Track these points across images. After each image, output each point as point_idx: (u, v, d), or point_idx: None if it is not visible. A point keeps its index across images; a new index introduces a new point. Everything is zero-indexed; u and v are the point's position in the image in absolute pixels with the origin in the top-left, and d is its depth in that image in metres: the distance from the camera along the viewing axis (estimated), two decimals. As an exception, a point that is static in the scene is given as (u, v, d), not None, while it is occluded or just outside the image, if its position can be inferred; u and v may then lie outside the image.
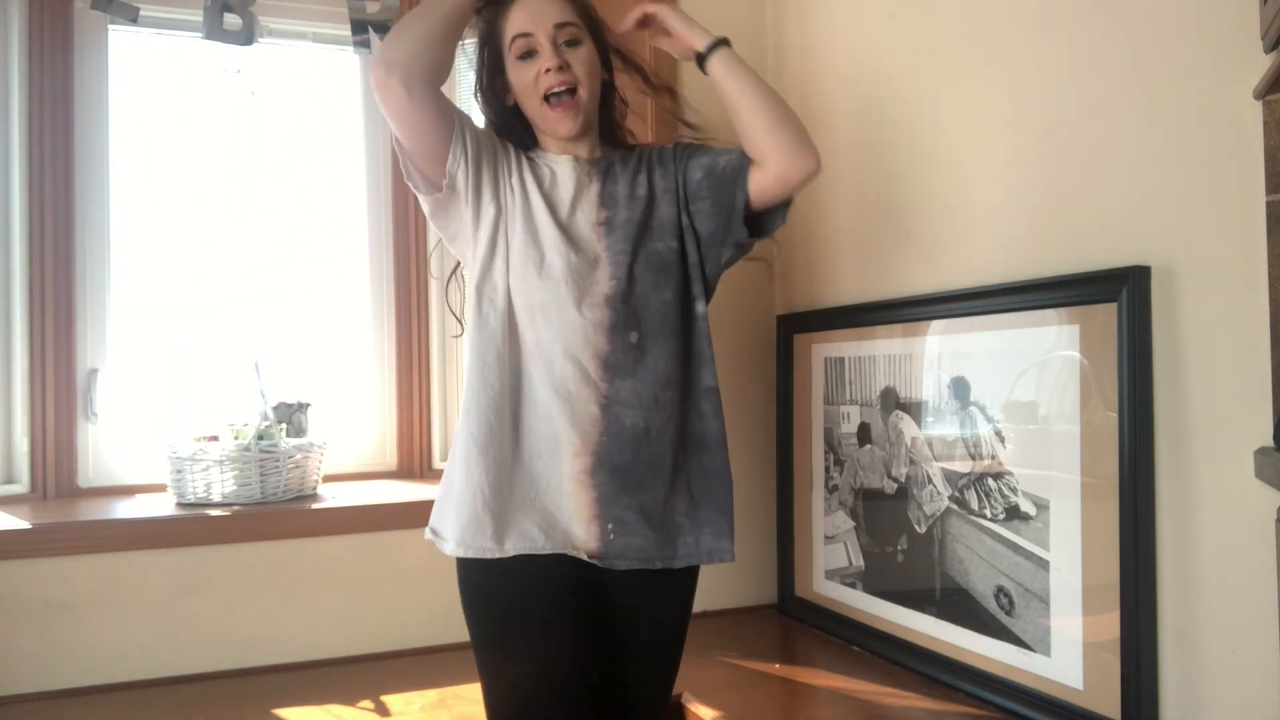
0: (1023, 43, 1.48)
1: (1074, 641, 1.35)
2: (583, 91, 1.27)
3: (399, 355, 2.14)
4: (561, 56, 1.25)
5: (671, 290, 1.28)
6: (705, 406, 1.30)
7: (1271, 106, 1.09)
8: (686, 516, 1.29)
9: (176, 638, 1.72)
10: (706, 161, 1.32)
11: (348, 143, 2.15)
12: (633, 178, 1.33)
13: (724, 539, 1.30)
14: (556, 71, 1.25)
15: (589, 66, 1.27)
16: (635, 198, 1.31)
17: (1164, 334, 1.26)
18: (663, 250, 1.29)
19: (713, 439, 1.31)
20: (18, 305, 1.88)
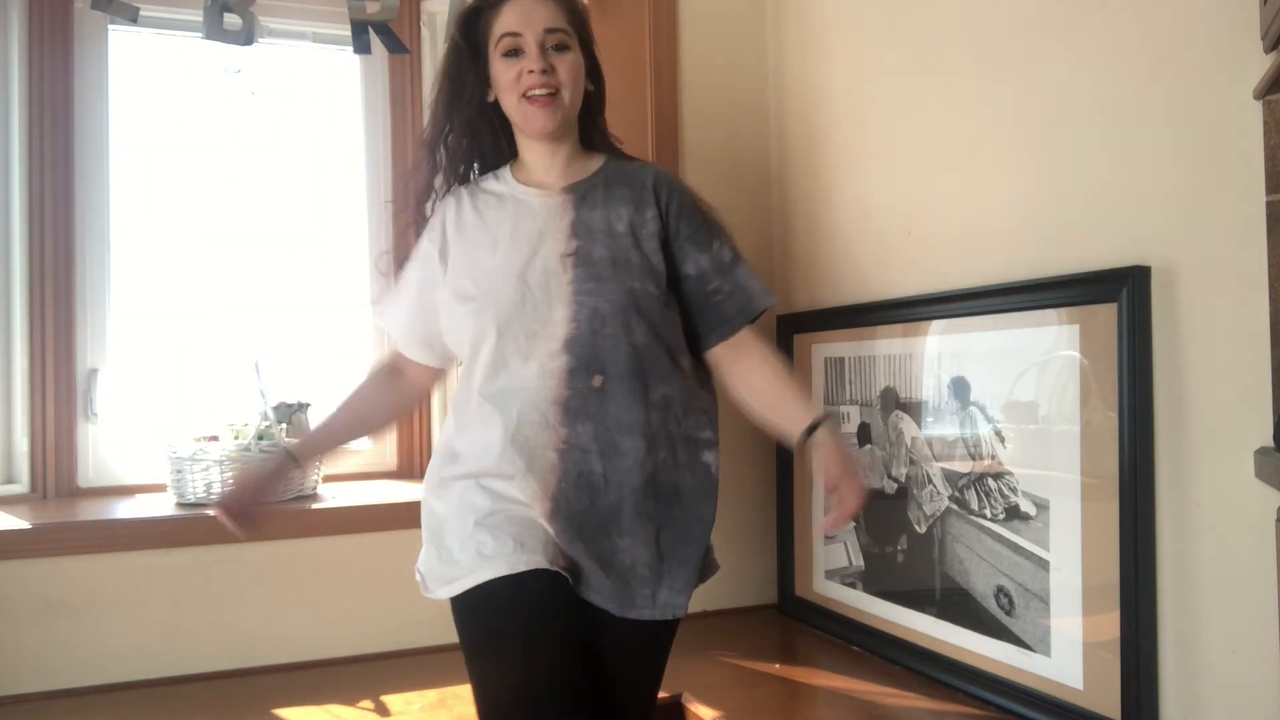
0: (1023, 42, 1.48)
1: (1074, 641, 1.35)
2: (565, 94, 1.24)
3: (399, 355, 2.14)
4: (547, 60, 1.23)
5: (644, 334, 1.22)
6: (683, 455, 1.24)
7: (1271, 106, 1.09)
8: (649, 568, 1.22)
9: (176, 638, 1.72)
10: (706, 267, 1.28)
11: (348, 143, 2.15)
12: (616, 208, 1.27)
13: (681, 594, 1.24)
14: (540, 74, 1.23)
15: (574, 73, 1.25)
16: (614, 233, 1.25)
17: (1164, 334, 1.26)
18: (638, 291, 1.23)
19: (687, 489, 1.24)
20: (18, 305, 1.88)
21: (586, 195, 1.27)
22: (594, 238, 1.24)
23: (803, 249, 2.07)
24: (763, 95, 2.18)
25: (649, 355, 1.23)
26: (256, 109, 2.10)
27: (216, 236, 2.07)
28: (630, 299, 1.22)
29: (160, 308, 2.03)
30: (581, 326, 1.21)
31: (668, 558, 1.23)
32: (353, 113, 2.16)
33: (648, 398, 1.22)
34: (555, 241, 1.24)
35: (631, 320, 1.22)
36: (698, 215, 1.31)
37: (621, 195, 1.28)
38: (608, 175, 1.30)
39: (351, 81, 2.16)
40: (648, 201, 1.28)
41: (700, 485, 1.25)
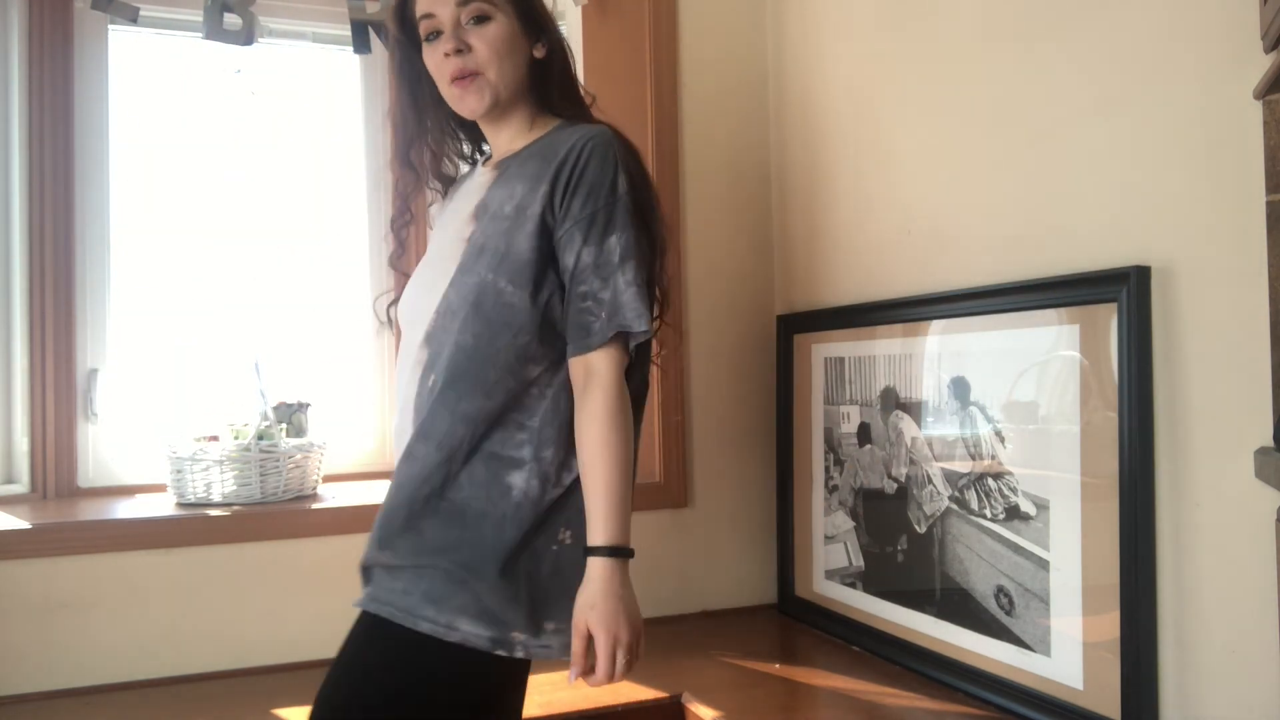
0: (1023, 42, 1.48)
1: (1074, 641, 1.35)
2: (490, 73, 1.14)
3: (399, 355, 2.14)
4: (461, 39, 1.14)
5: (473, 335, 1.10)
6: (480, 473, 1.11)
7: (1271, 106, 1.09)
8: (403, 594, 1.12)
9: (176, 638, 1.72)
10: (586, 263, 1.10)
11: (348, 143, 2.15)
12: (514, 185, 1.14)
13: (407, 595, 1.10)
14: (456, 55, 1.13)
15: (497, 45, 1.14)
16: (499, 215, 1.13)
17: (1164, 334, 1.26)
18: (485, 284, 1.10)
19: (474, 512, 1.10)
20: (18, 305, 1.88)
21: (505, 171, 1.18)
22: (483, 220, 1.15)
23: (803, 249, 2.07)
24: (763, 95, 2.18)
25: (472, 359, 1.10)
26: (256, 109, 2.10)
27: (216, 236, 2.07)
28: (474, 292, 1.11)
29: (160, 308, 2.03)
30: (437, 320, 1.13)
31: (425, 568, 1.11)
32: (353, 113, 2.16)
33: (456, 407, 1.10)
34: (464, 227, 1.16)
35: (468, 316, 1.10)
36: (600, 196, 1.11)
37: (529, 170, 1.15)
38: (538, 146, 1.17)
39: (351, 81, 2.16)
40: (547, 175, 1.12)
41: (493, 509, 1.10)
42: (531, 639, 1.10)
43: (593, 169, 1.11)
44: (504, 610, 1.09)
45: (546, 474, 1.11)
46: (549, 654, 1.11)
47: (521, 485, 1.11)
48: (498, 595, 1.09)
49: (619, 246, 1.10)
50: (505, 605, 1.09)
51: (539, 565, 1.11)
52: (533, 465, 1.11)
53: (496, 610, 1.09)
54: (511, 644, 1.09)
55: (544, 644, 1.10)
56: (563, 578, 1.11)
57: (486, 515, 1.10)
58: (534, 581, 1.10)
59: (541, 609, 1.11)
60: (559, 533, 1.12)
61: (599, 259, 1.10)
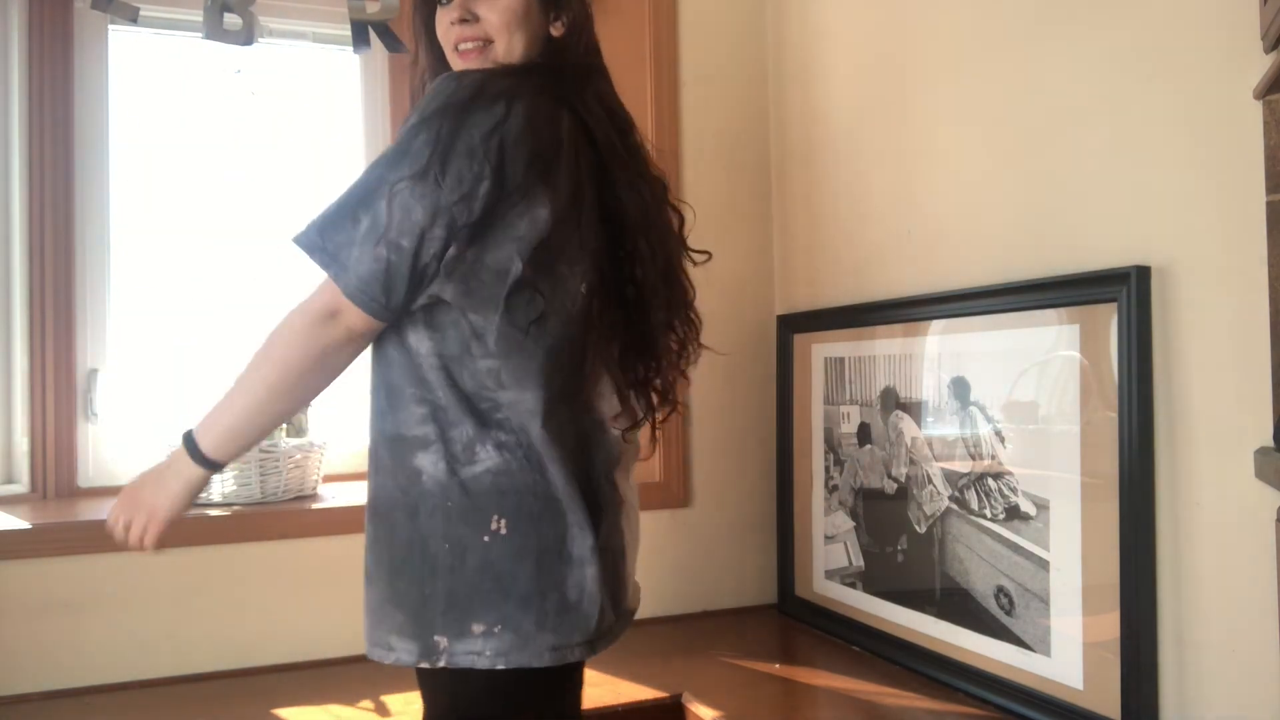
0: (1023, 42, 1.48)
1: (1074, 641, 1.35)
2: (499, 44, 1.08)
3: (399, 355, 2.14)
4: (468, 7, 1.08)
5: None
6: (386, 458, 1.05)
7: (1271, 106, 1.09)
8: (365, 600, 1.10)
9: (176, 638, 1.72)
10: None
11: (348, 143, 2.15)
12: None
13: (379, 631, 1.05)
14: (460, 24, 1.07)
15: (508, 15, 1.08)
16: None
17: (1164, 334, 1.26)
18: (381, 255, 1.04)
19: (385, 500, 1.05)
20: (18, 305, 1.87)
21: None
22: None
23: (803, 249, 2.07)
24: (763, 95, 2.18)
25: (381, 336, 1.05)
26: (256, 109, 2.10)
27: (216, 236, 2.07)
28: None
29: (160, 308, 2.02)
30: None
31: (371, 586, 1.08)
32: (353, 113, 2.15)
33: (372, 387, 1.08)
34: None
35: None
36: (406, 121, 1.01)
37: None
38: None
39: (351, 81, 2.16)
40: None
41: (403, 497, 1.03)
42: (455, 643, 1.00)
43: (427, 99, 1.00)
44: (423, 612, 1.01)
45: (455, 454, 1.02)
46: (479, 661, 1.00)
47: (429, 468, 1.02)
48: (415, 595, 1.01)
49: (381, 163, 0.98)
50: (423, 606, 1.01)
51: (462, 558, 1.00)
52: (438, 445, 1.02)
53: (417, 613, 1.01)
54: (435, 651, 1.01)
55: (471, 649, 1.00)
56: (495, 573, 1.00)
57: (397, 505, 1.04)
58: (456, 576, 1.00)
59: (466, 608, 1.00)
60: (490, 521, 1.01)
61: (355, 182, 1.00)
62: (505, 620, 1.00)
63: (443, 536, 1.01)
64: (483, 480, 1.01)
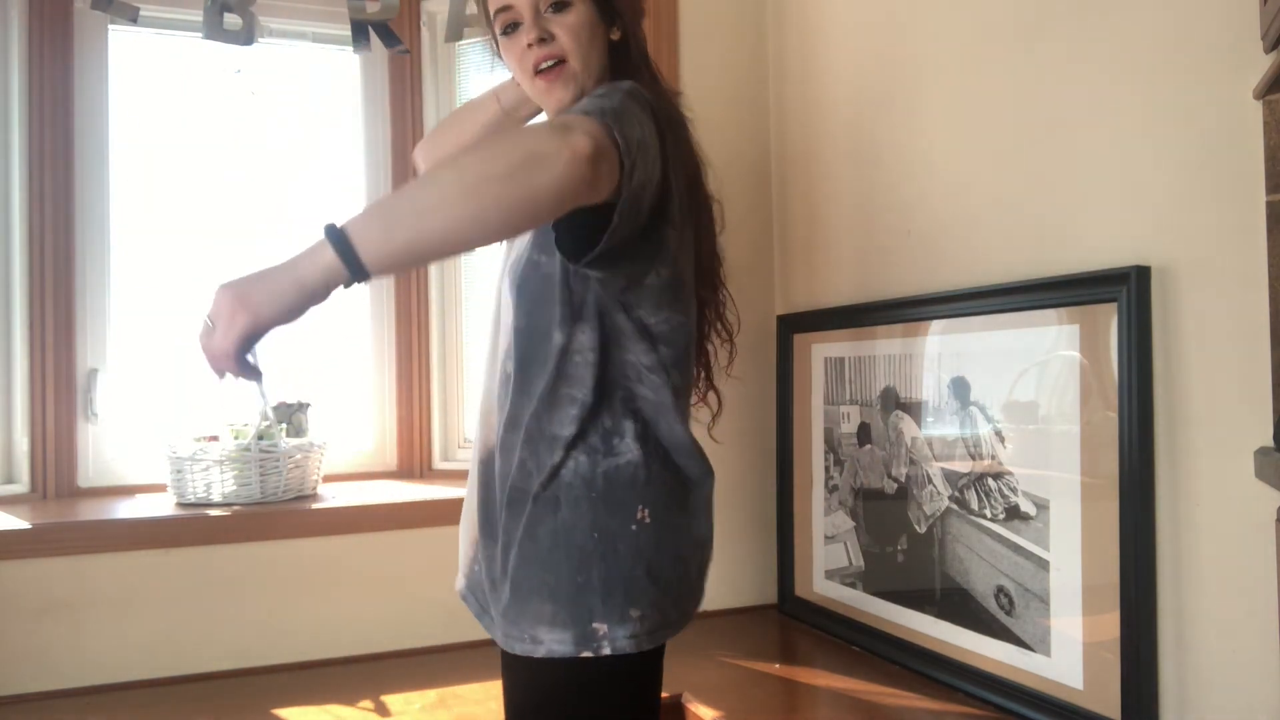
0: (1022, 42, 1.48)
1: (1074, 641, 1.35)
2: (574, 62, 1.12)
3: (399, 355, 2.14)
4: (543, 27, 1.11)
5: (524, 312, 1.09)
6: (544, 455, 1.06)
7: (1271, 106, 1.09)
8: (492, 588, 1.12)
9: (176, 638, 1.72)
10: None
11: (348, 143, 2.15)
12: None
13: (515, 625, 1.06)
14: (539, 45, 1.11)
15: (579, 32, 1.12)
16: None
17: (1164, 334, 1.26)
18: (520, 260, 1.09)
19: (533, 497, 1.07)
20: (18, 305, 1.88)
21: None
22: None
23: (803, 249, 2.07)
24: (763, 95, 2.18)
25: (530, 341, 1.08)
26: (256, 109, 2.10)
27: (216, 236, 2.07)
28: (517, 271, 1.10)
29: (160, 308, 2.03)
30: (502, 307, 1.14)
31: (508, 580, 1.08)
32: (353, 113, 2.15)
33: (526, 388, 1.09)
34: None
35: (519, 298, 1.09)
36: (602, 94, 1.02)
37: None
38: None
39: (351, 81, 2.16)
40: None
41: (543, 491, 1.06)
42: (617, 629, 1.02)
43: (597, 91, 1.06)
44: (579, 601, 1.03)
45: (595, 447, 1.05)
46: (637, 644, 1.03)
47: (570, 462, 1.05)
48: (570, 587, 1.03)
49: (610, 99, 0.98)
50: (580, 596, 1.03)
51: (615, 548, 1.04)
52: (579, 439, 1.06)
53: (572, 604, 1.03)
54: (596, 639, 1.02)
55: (631, 633, 1.03)
56: (647, 561, 1.04)
57: (538, 500, 1.06)
58: (610, 566, 1.03)
59: (626, 596, 1.03)
60: (635, 511, 1.05)
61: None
62: (655, 604, 1.05)
63: (590, 527, 1.04)
64: (624, 472, 1.06)
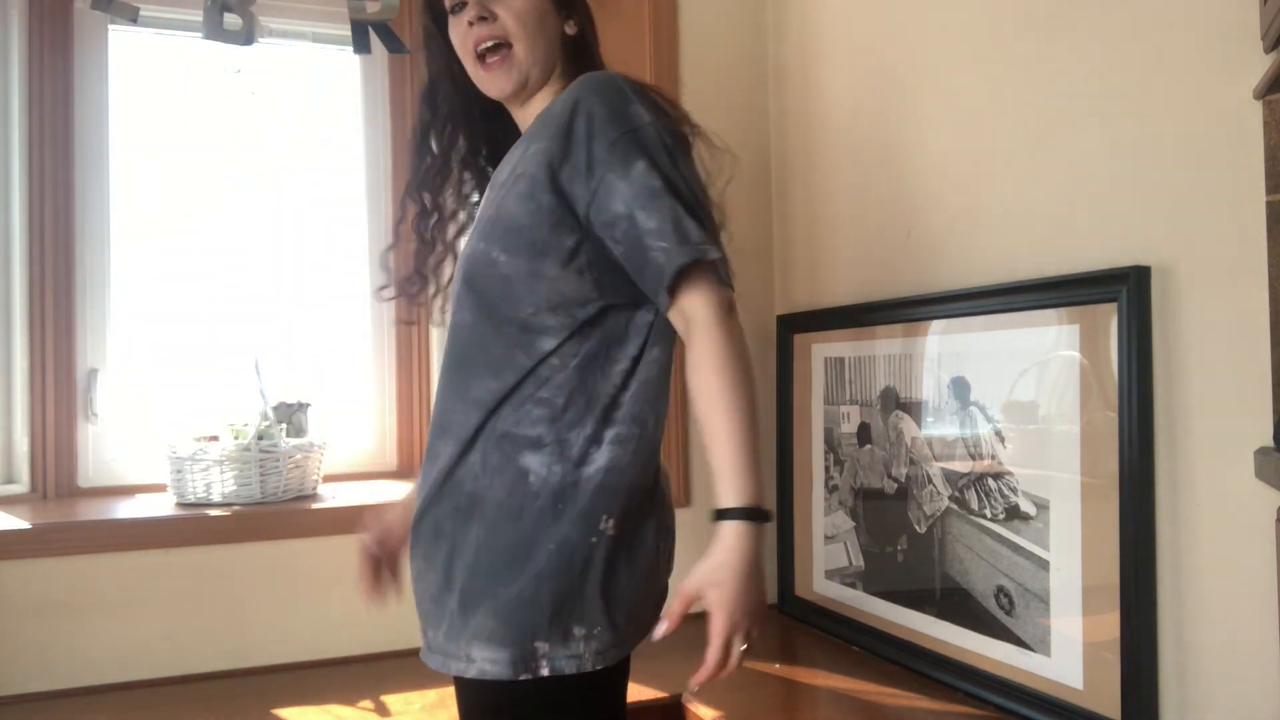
0: (1022, 42, 1.48)
1: (1074, 641, 1.35)
2: (518, 47, 1.05)
3: (399, 355, 2.14)
4: (484, 5, 1.05)
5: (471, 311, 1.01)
6: (494, 457, 0.99)
7: (1271, 106, 1.09)
8: (433, 601, 1.03)
9: (176, 638, 1.72)
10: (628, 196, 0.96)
11: (348, 143, 2.15)
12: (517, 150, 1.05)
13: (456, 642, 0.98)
14: (479, 24, 1.04)
15: (525, 16, 1.05)
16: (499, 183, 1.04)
17: (1164, 334, 1.26)
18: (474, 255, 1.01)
19: (490, 501, 0.99)
20: (18, 305, 1.87)
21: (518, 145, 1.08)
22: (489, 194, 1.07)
23: (803, 249, 2.07)
24: (763, 95, 2.18)
25: (473, 338, 1.01)
26: (256, 109, 2.10)
27: (216, 236, 2.07)
28: (466, 267, 1.02)
29: (160, 308, 2.03)
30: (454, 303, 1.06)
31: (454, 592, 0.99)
32: (353, 113, 2.15)
33: (467, 393, 1.01)
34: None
35: (461, 295, 1.02)
36: (616, 126, 0.98)
37: (530, 132, 1.05)
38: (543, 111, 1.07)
39: (351, 81, 2.16)
40: (543, 131, 1.01)
41: (507, 498, 0.98)
42: (557, 648, 0.96)
43: (597, 106, 0.99)
44: (521, 617, 0.96)
45: (570, 456, 0.98)
46: (582, 665, 0.96)
47: (541, 470, 0.98)
48: (513, 601, 0.96)
49: (657, 172, 0.96)
50: (521, 611, 0.96)
51: (569, 560, 0.97)
52: (553, 446, 0.98)
53: (512, 619, 0.96)
54: (535, 658, 0.95)
55: (573, 653, 0.96)
56: (600, 574, 0.97)
57: (502, 504, 0.99)
58: (561, 579, 0.96)
59: (570, 611, 0.96)
60: (599, 521, 0.98)
61: (639, 191, 0.95)
62: (603, 619, 0.98)
63: (549, 539, 0.97)
64: (594, 479, 0.99)
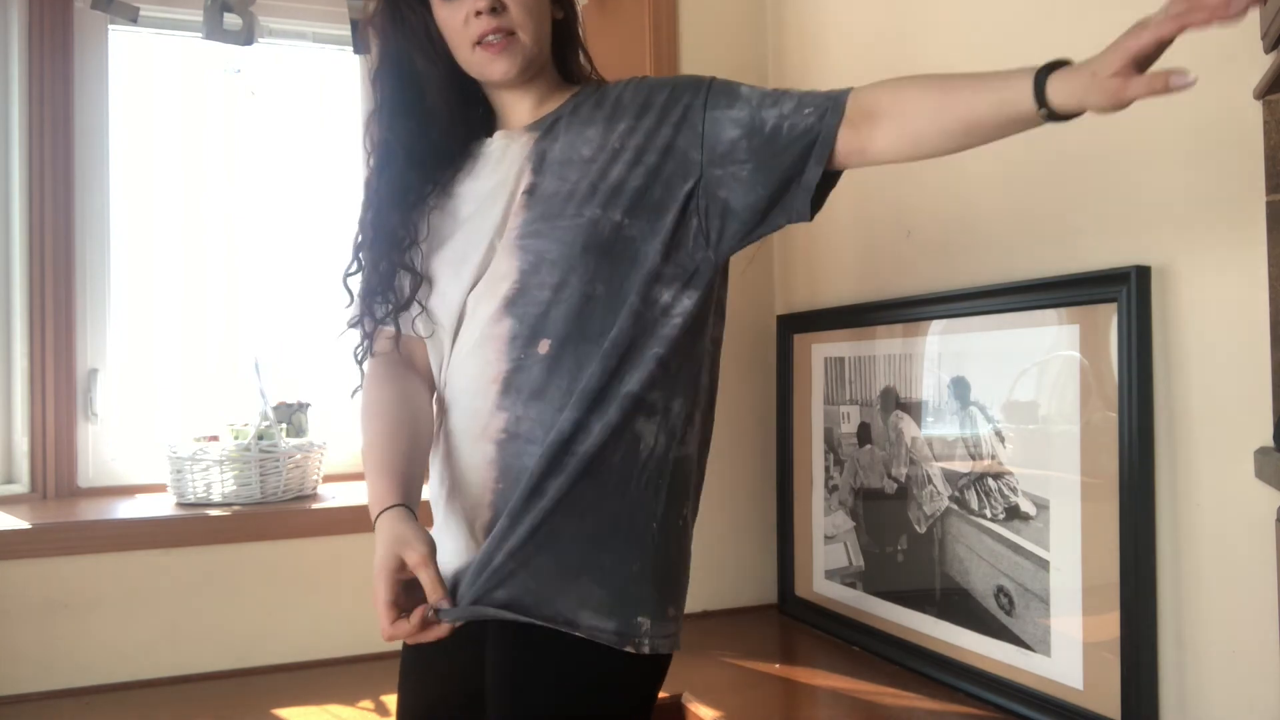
0: (1022, 41, 1.48)
1: (1074, 641, 1.35)
2: (523, 35, 1.05)
3: (399, 355, 2.14)
4: None
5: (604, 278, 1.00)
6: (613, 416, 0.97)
7: (1271, 106, 1.09)
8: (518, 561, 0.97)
9: (176, 638, 1.72)
10: (746, 116, 1.03)
11: (348, 143, 2.15)
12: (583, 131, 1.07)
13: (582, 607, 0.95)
14: (489, 14, 1.03)
15: (528, 6, 1.06)
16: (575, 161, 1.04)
17: (1164, 334, 1.26)
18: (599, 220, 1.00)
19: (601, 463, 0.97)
20: (18, 305, 1.88)
21: (551, 127, 1.09)
22: (550, 170, 1.05)
23: (803, 249, 2.07)
24: (763, 95, 2.18)
25: (602, 305, 0.99)
26: (256, 109, 2.10)
27: (216, 236, 2.07)
28: (586, 233, 1.00)
29: (160, 308, 2.03)
30: (526, 279, 1.01)
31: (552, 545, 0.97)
32: (353, 113, 2.15)
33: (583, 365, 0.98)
34: (512, 185, 1.07)
35: (588, 261, 1.00)
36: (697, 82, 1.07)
37: (590, 117, 1.08)
38: (578, 101, 1.11)
39: (351, 81, 2.16)
40: (623, 114, 1.06)
41: (620, 463, 0.97)
42: (655, 625, 0.96)
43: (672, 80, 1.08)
44: (628, 589, 0.96)
45: (674, 427, 0.99)
46: (670, 645, 0.97)
47: (649, 439, 0.98)
48: (620, 571, 0.96)
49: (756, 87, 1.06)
50: (629, 583, 0.96)
51: (667, 540, 0.98)
52: (662, 416, 0.98)
53: (621, 590, 0.95)
54: (638, 633, 0.95)
55: (666, 633, 0.97)
56: (684, 558, 1.00)
57: (613, 471, 0.97)
58: (661, 557, 0.98)
59: (668, 592, 0.98)
60: (683, 507, 1.01)
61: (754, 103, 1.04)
62: (682, 603, 1.02)
63: (651, 515, 0.98)
64: (690, 461, 1.02)
